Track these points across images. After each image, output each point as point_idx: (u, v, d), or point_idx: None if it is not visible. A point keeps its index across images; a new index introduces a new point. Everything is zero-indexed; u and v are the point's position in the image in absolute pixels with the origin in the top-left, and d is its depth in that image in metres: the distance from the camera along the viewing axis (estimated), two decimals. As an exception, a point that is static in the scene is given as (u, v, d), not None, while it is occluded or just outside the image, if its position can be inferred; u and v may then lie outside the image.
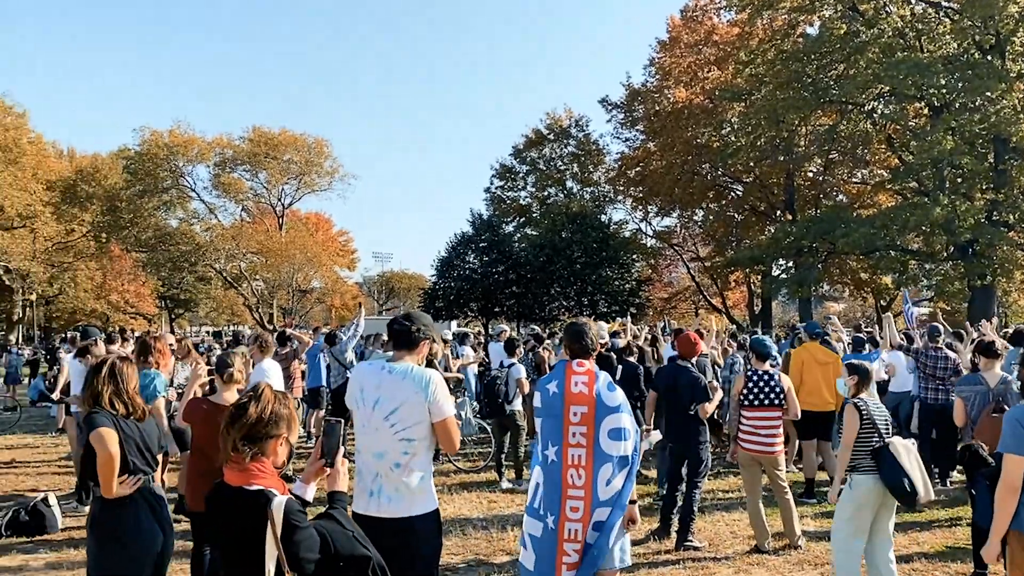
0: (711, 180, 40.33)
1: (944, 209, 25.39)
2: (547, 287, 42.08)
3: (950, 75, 26.29)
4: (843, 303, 57.18)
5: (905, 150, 30.97)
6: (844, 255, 32.75)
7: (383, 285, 77.38)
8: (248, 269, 47.47)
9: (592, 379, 4.41)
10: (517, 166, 49.25)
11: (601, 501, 4.29)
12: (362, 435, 4.00)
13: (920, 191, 29.05)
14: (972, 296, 27.95)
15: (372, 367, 4.09)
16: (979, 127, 25.38)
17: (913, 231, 28.67)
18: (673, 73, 40.76)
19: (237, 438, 2.72)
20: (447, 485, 9.77)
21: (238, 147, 49.50)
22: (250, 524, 2.63)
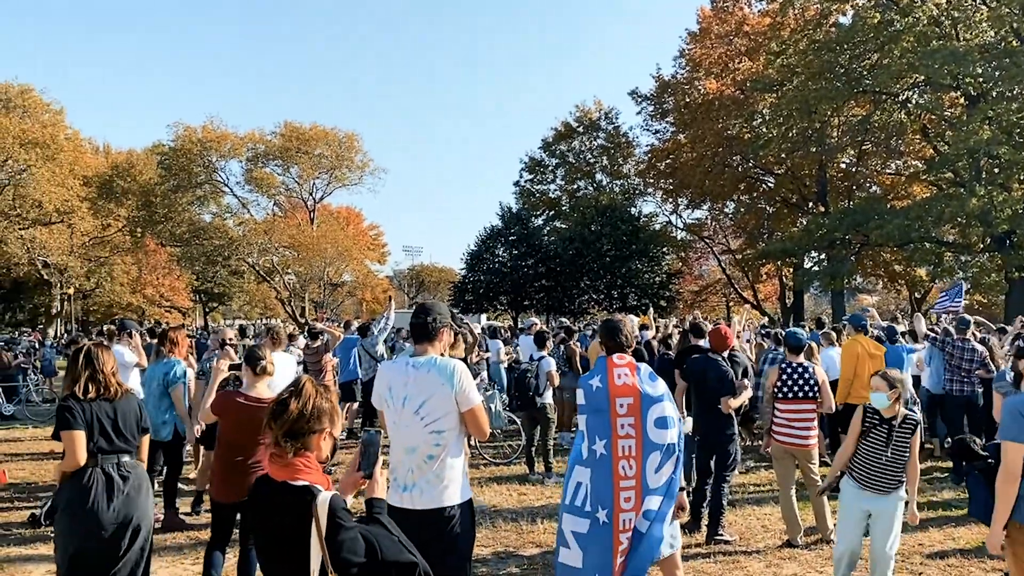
0: (742, 172, 39.98)
1: (980, 200, 24.98)
2: (577, 280, 42.02)
3: (987, 63, 25.84)
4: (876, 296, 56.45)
5: (940, 140, 30.49)
6: (878, 247, 32.35)
7: (413, 279, 77.71)
8: (280, 263, 47.88)
9: (634, 370, 4.49)
10: (546, 159, 49.20)
11: (651, 489, 4.36)
12: (394, 432, 4.06)
13: (956, 182, 28.60)
14: (1010, 288, 27.49)
15: (396, 365, 4.15)
16: (1017, 116, 24.96)
17: (948, 222, 28.23)
18: (703, 64, 40.43)
19: (280, 434, 2.70)
20: (477, 478, 9.83)
21: (270, 142, 49.90)
22: (294, 520, 2.62)
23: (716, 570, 6.39)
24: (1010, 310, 24.97)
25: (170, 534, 7.38)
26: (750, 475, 10.23)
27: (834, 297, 36.71)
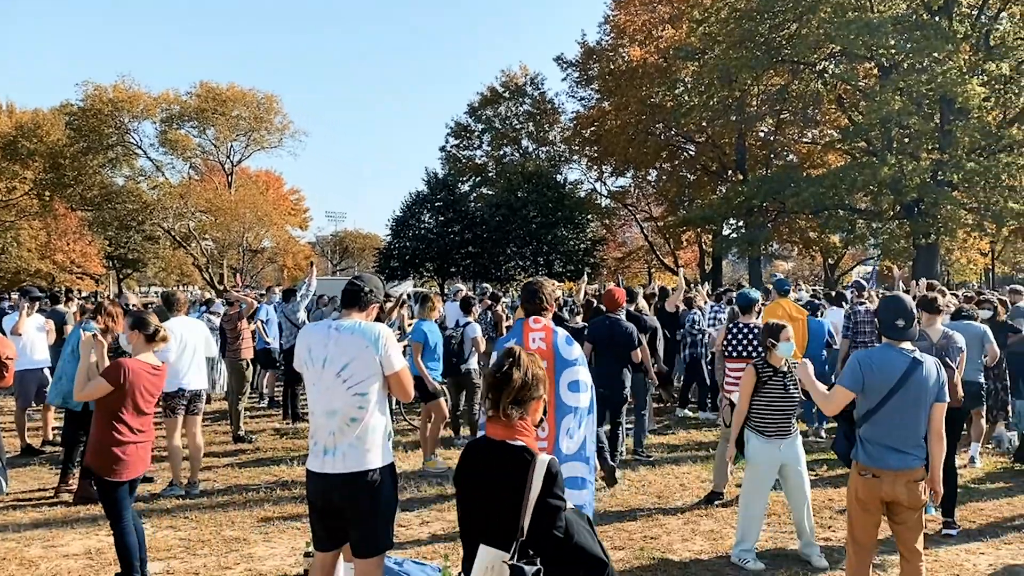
0: (664, 140, 40.47)
1: (891, 169, 25.87)
2: (503, 247, 42.11)
3: (899, 36, 26.60)
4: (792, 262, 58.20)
5: (855, 110, 31.37)
6: (793, 214, 33.22)
7: (336, 245, 76.66)
8: (197, 228, 46.57)
9: (549, 334, 4.53)
10: (473, 124, 48.89)
11: (566, 455, 4.38)
12: (314, 394, 4.02)
13: (869, 151, 29.53)
14: (917, 254, 28.65)
15: (319, 326, 4.11)
16: (926, 88, 25.77)
17: (861, 190, 29.16)
18: (628, 31, 40.59)
19: (507, 402, 2.89)
20: (402, 443, 9.85)
21: (185, 103, 48.22)
22: (511, 477, 2.81)
23: (636, 527, 6.55)
24: (918, 276, 26.00)
25: (84, 505, 7.21)
26: (668, 436, 10.51)
27: (751, 263, 37.68)
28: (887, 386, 4.29)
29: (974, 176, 26.20)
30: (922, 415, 4.32)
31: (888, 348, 4.41)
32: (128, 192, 46.83)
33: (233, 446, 9.98)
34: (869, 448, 4.38)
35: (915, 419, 4.31)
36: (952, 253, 36.06)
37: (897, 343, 4.38)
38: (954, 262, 39.79)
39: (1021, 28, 27.68)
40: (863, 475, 4.40)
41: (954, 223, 27.62)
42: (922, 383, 4.29)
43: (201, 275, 48.63)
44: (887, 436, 4.32)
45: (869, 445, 4.38)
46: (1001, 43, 27.33)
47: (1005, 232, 32.47)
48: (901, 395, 4.27)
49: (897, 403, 4.28)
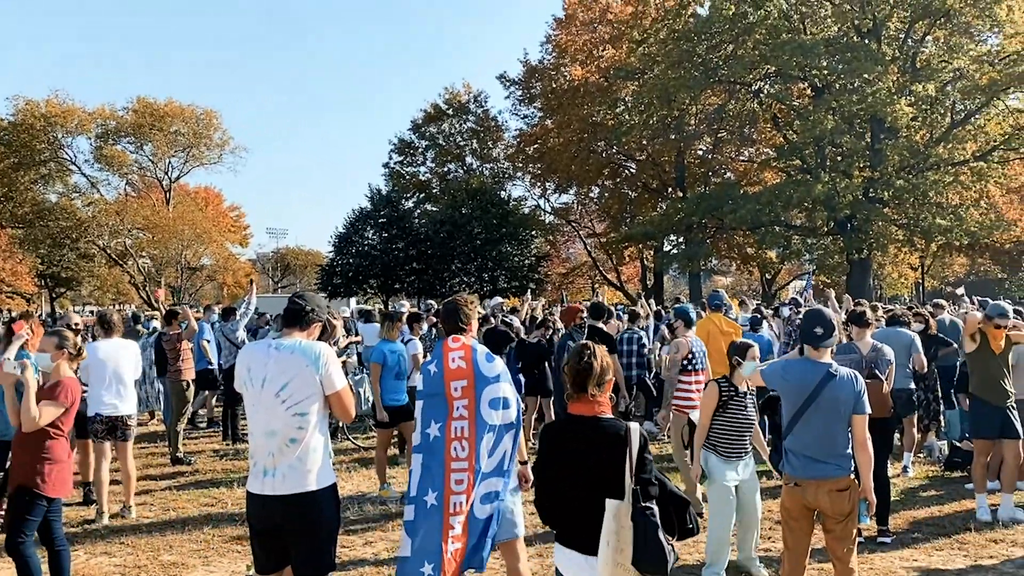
0: (606, 158, 40.96)
1: (825, 186, 26.61)
2: (447, 263, 41.98)
3: (831, 57, 27.45)
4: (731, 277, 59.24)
5: (789, 129, 32.20)
6: (731, 231, 33.92)
7: (278, 262, 75.50)
8: (134, 246, 45.52)
9: (468, 352, 4.46)
10: (416, 141, 48.78)
11: (485, 473, 4.34)
12: (253, 415, 3.97)
13: (803, 169, 30.30)
14: (850, 269, 29.46)
15: (258, 346, 4.07)
16: (857, 107, 26.59)
17: (796, 207, 29.91)
18: (569, 51, 41.08)
19: (592, 384, 3.47)
20: (345, 463, 9.76)
21: (121, 118, 47.21)
22: (612, 441, 3.40)
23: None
24: (851, 290, 26.78)
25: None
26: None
27: (691, 279, 38.35)
28: (803, 396, 4.45)
29: (903, 193, 27.11)
30: (841, 426, 4.46)
31: (806, 360, 4.58)
32: (61, 209, 45.60)
33: (171, 468, 9.77)
34: (792, 459, 4.53)
35: (833, 430, 4.45)
36: (884, 268, 37.18)
37: (816, 352, 4.53)
38: (886, 276, 41.01)
39: (944, 52, 28.83)
40: (787, 485, 4.56)
41: (885, 239, 28.52)
42: (837, 395, 4.43)
43: (138, 293, 47.50)
44: (807, 446, 4.47)
45: (792, 456, 4.53)
46: (927, 65, 28.40)
47: (933, 247, 33.62)
48: (816, 406, 4.43)
49: (814, 414, 4.44)
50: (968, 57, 27.81)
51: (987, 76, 26.80)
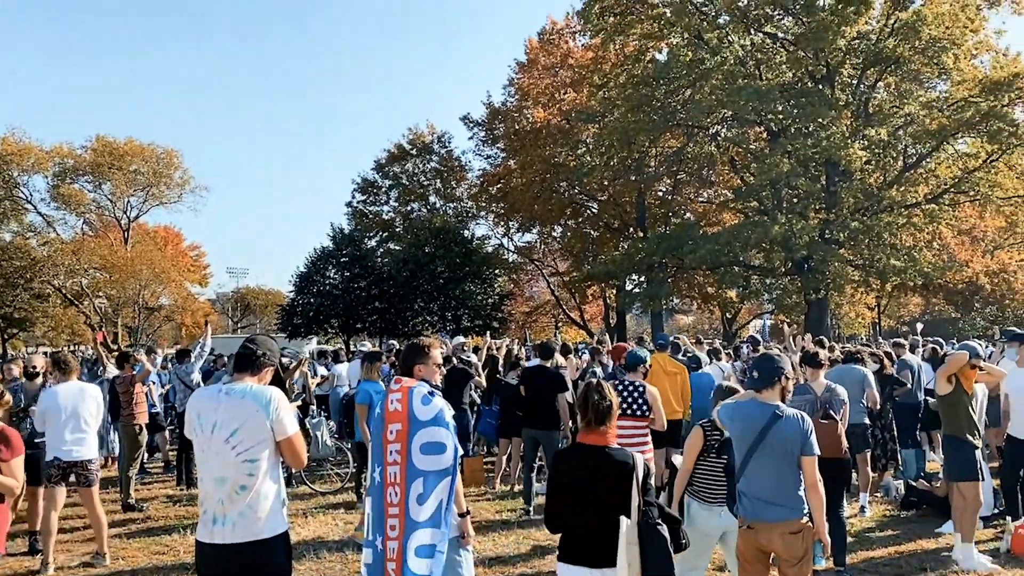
0: (568, 197, 41.35)
1: (782, 227, 27.04)
2: (410, 302, 41.83)
3: (786, 102, 28.05)
4: (692, 316, 59.78)
5: (747, 171, 32.74)
6: (692, 270, 34.26)
7: (238, 302, 74.65)
8: (90, 286, 44.73)
9: (405, 395, 4.35)
10: (380, 180, 48.83)
11: (417, 523, 4.16)
12: (203, 462, 3.91)
13: (760, 210, 30.77)
14: (808, 309, 29.88)
15: (209, 391, 4.01)
16: (812, 151, 27.12)
17: (754, 248, 30.33)
18: (531, 94, 41.62)
19: (608, 418, 3.94)
20: (303, 509, 9.59)
21: (80, 157, 46.67)
22: (620, 471, 3.84)
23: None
24: (810, 329, 27.13)
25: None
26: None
27: (653, 317, 38.59)
28: (750, 437, 4.47)
29: (858, 234, 27.65)
30: (791, 467, 4.46)
31: (753, 401, 4.61)
32: (16, 248, 44.72)
33: (122, 515, 9.53)
34: (745, 501, 4.54)
35: (783, 471, 4.46)
36: (841, 307, 37.76)
37: (763, 396, 4.57)
38: (843, 316, 41.66)
39: (895, 98, 29.66)
40: (741, 528, 4.58)
41: (842, 279, 29.02)
42: (784, 435, 4.44)
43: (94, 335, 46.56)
44: (759, 489, 4.47)
45: (745, 498, 4.54)
46: (879, 111, 29.18)
47: (889, 287, 34.24)
48: (764, 447, 4.44)
49: (763, 455, 4.45)
50: (918, 103, 28.65)
51: (936, 121, 27.60)
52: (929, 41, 26.40)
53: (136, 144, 48.01)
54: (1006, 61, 30.02)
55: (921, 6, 27.24)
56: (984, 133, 27.10)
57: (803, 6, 28.21)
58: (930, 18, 26.12)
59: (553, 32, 42.58)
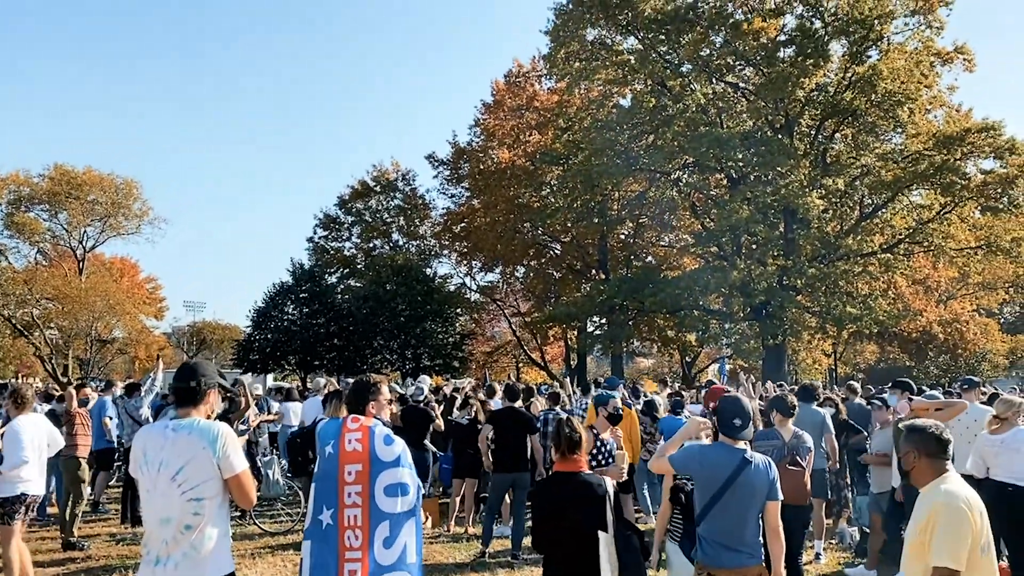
0: (532, 238, 41.53)
1: (741, 273, 27.39)
2: (370, 340, 41.45)
3: (746, 150, 28.57)
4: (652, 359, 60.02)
5: (707, 217, 33.20)
6: (652, 313, 34.46)
7: (194, 336, 73.33)
8: (42, 316, 43.71)
9: (366, 435, 4.26)
10: (342, 216, 48.66)
11: (383, 566, 4.10)
12: (148, 501, 3.76)
13: (720, 255, 31.18)
14: (766, 354, 30.17)
15: (155, 428, 3.87)
16: (771, 198, 27.61)
17: (714, 292, 30.65)
18: (497, 134, 41.95)
19: (580, 449, 4.54)
20: (251, 549, 9.32)
21: (36, 185, 45.95)
22: (594, 494, 4.39)
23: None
24: (767, 374, 27.36)
25: None
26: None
27: (614, 360, 38.68)
28: (717, 483, 4.41)
29: (815, 281, 28.09)
30: (753, 513, 4.43)
31: (721, 446, 4.56)
32: (-35, 276, 43.64)
33: (62, 554, 9.17)
34: (705, 546, 4.46)
35: (746, 517, 4.42)
36: (799, 353, 38.19)
37: (732, 441, 4.53)
38: (801, 362, 42.13)
39: (852, 149, 30.40)
40: (700, 574, 4.51)
41: (799, 325, 29.39)
42: (751, 482, 4.42)
43: (43, 366, 45.40)
44: (720, 534, 4.41)
45: (705, 543, 4.47)
46: (836, 161, 29.86)
47: (845, 334, 34.77)
48: (731, 493, 4.38)
49: (728, 501, 4.39)
50: (874, 154, 29.38)
51: (892, 173, 28.28)
52: (885, 95, 27.16)
53: (95, 174, 47.44)
54: (958, 116, 31.05)
55: (877, 61, 28.06)
56: (938, 185, 27.85)
57: (763, 57, 28.93)
58: (886, 73, 26.89)
59: (519, 75, 43.10)
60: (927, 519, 3.67)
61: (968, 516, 3.62)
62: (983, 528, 3.68)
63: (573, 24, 31.61)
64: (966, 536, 3.58)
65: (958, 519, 3.60)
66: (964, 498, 3.68)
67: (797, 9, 29.71)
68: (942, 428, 3.89)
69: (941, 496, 3.68)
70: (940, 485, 3.75)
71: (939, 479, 3.78)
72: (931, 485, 3.79)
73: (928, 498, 3.76)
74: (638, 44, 31.56)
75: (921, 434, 3.84)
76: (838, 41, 28.92)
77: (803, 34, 28.32)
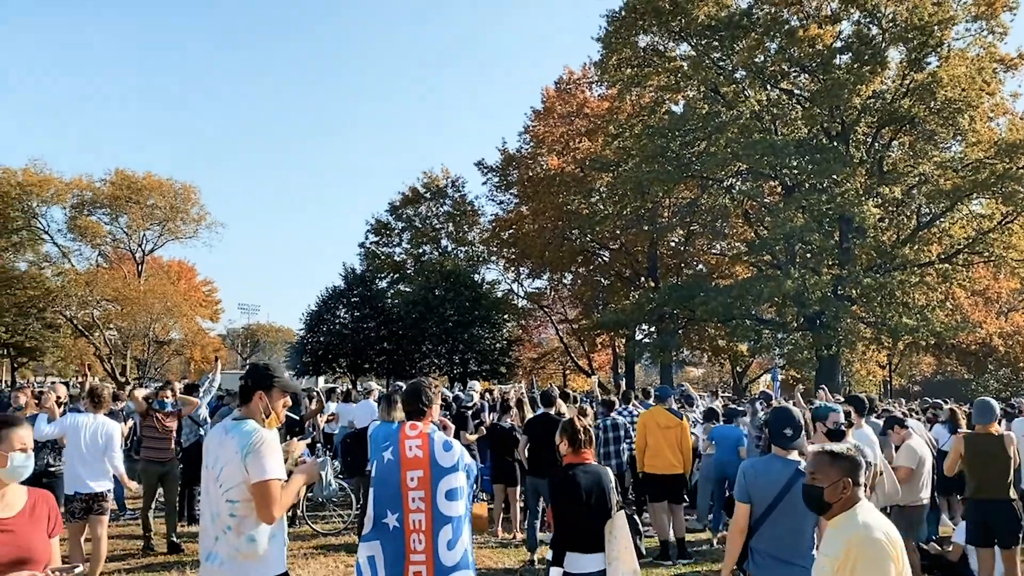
0: (580, 245, 41.45)
1: (795, 282, 26.97)
2: (418, 344, 41.78)
3: (801, 157, 28.19)
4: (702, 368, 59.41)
5: (760, 225, 32.79)
6: (703, 322, 34.13)
7: (248, 338, 74.77)
8: (102, 317, 44.90)
9: (426, 441, 4.33)
10: (393, 222, 49.16)
11: (448, 567, 4.21)
12: (204, 498, 3.90)
13: (773, 264, 30.76)
14: (819, 365, 29.65)
15: (218, 427, 3.95)
16: (826, 207, 27.18)
17: (767, 301, 30.22)
18: (546, 141, 42.00)
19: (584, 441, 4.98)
20: (303, 549, 9.44)
21: (98, 189, 47.23)
22: (600, 480, 4.84)
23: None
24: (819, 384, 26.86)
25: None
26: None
27: (663, 368, 38.35)
28: (771, 495, 4.34)
29: (871, 292, 27.54)
30: (808, 525, 4.35)
31: (774, 458, 4.50)
32: (30, 278, 45.05)
33: (123, 549, 9.39)
34: (758, 559, 4.38)
35: (801, 529, 4.33)
36: (853, 364, 37.48)
37: (784, 452, 4.47)
38: (855, 373, 41.34)
39: (910, 157, 29.78)
40: None
41: (854, 336, 28.84)
42: None
43: (103, 366, 46.65)
44: (774, 546, 4.33)
45: (758, 556, 4.39)
46: (893, 169, 29.28)
47: (900, 346, 34.01)
48: (785, 504, 4.30)
49: (782, 512, 4.31)
50: (932, 163, 28.75)
51: (951, 182, 27.65)
52: (945, 102, 26.58)
53: (154, 178, 48.59)
54: (1022, 124, 30.18)
55: (937, 68, 27.47)
56: (999, 194, 27.15)
57: (819, 64, 28.52)
58: (946, 80, 26.32)
59: (570, 81, 43.11)
60: (844, 555, 3.30)
61: (890, 551, 3.29)
62: (904, 564, 3.36)
63: (625, 31, 31.54)
64: (890, 572, 3.26)
65: (882, 554, 3.28)
66: (883, 530, 3.35)
67: (854, 15, 29.20)
68: (859, 452, 3.60)
69: (860, 528, 3.34)
70: (856, 516, 3.41)
71: (854, 508, 3.44)
72: (845, 516, 3.44)
73: (843, 531, 3.39)
74: (691, 50, 31.36)
75: (851, 461, 3.49)
76: (896, 47, 28.40)
77: (860, 40, 27.87)
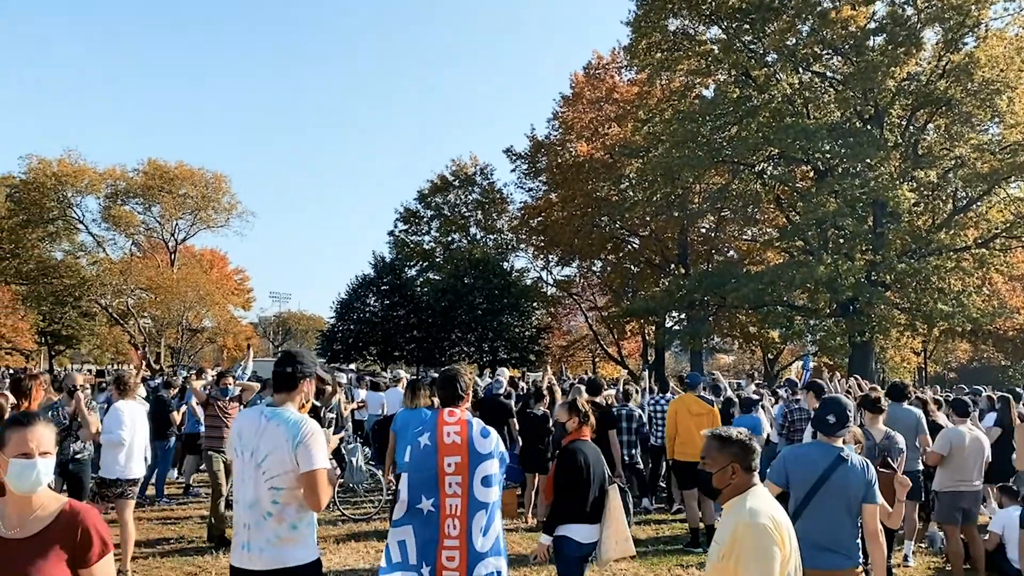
0: (609, 232, 41.25)
1: (827, 268, 26.60)
2: (448, 332, 41.94)
3: (834, 141, 27.74)
4: (733, 356, 58.99)
5: (792, 210, 32.38)
6: (734, 309, 33.83)
7: (279, 326, 75.47)
8: (136, 306, 45.57)
9: (464, 427, 4.37)
10: (422, 211, 49.29)
11: (481, 553, 4.25)
12: (239, 484, 3.87)
13: (806, 250, 30.37)
14: (852, 351, 29.27)
15: (251, 413, 3.96)
16: (859, 191, 26.75)
17: (799, 288, 29.86)
18: (575, 127, 41.77)
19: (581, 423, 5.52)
20: (334, 535, 9.51)
21: (131, 179, 47.86)
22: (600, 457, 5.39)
23: None
24: (853, 371, 26.54)
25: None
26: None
27: (693, 356, 38.11)
28: (810, 481, 4.30)
29: (905, 277, 27.11)
30: (849, 514, 4.30)
31: (815, 444, 4.45)
32: (66, 267, 45.84)
33: (156, 534, 9.53)
34: (799, 546, 4.31)
35: (841, 518, 4.29)
36: (887, 351, 36.94)
37: (827, 439, 4.41)
38: (888, 360, 40.75)
39: (946, 140, 29.19)
40: None
41: (888, 322, 28.38)
42: (847, 480, 4.29)
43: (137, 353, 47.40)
44: (815, 534, 4.28)
45: (799, 543, 4.32)
46: (928, 152, 28.73)
47: (936, 332, 33.46)
48: (825, 491, 4.27)
49: (822, 499, 4.27)
50: (969, 146, 28.14)
51: (988, 164, 27.07)
52: (982, 83, 26.00)
53: (186, 168, 49.11)
54: (1063, 105, 29.41)
55: (974, 48, 26.87)
56: (1039, 177, 26.54)
57: (852, 46, 28.03)
58: (984, 60, 25.74)
59: (599, 67, 42.80)
60: (731, 542, 3.22)
61: (775, 536, 3.19)
62: (791, 549, 3.28)
63: (655, 14, 31.21)
64: (775, 559, 3.16)
65: (765, 541, 3.17)
66: (770, 516, 3.24)
67: (889, -4, 28.69)
68: (751, 436, 3.47)
69: (745, 515, 3.23)
70: (745, 502, 3.29)
71: (744, 494, 3.32)
72: (734, 502, 3.33)
73: (731, 517, 3.30)
74: (721, 34, 30.96)
75: (740, 446, 3.36)
76: (931, 28, 27.82)
77: (894, 21, 27.32)
